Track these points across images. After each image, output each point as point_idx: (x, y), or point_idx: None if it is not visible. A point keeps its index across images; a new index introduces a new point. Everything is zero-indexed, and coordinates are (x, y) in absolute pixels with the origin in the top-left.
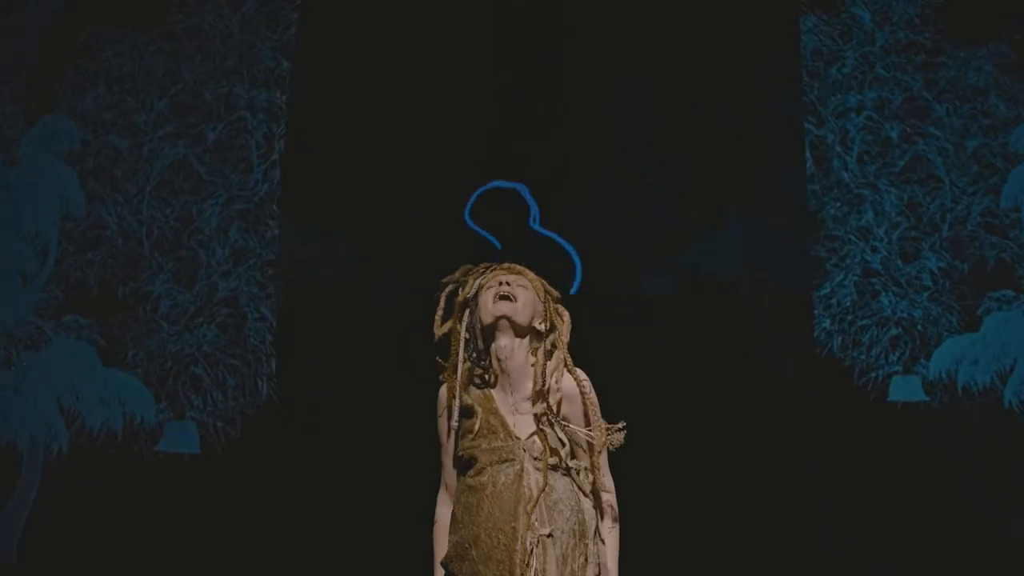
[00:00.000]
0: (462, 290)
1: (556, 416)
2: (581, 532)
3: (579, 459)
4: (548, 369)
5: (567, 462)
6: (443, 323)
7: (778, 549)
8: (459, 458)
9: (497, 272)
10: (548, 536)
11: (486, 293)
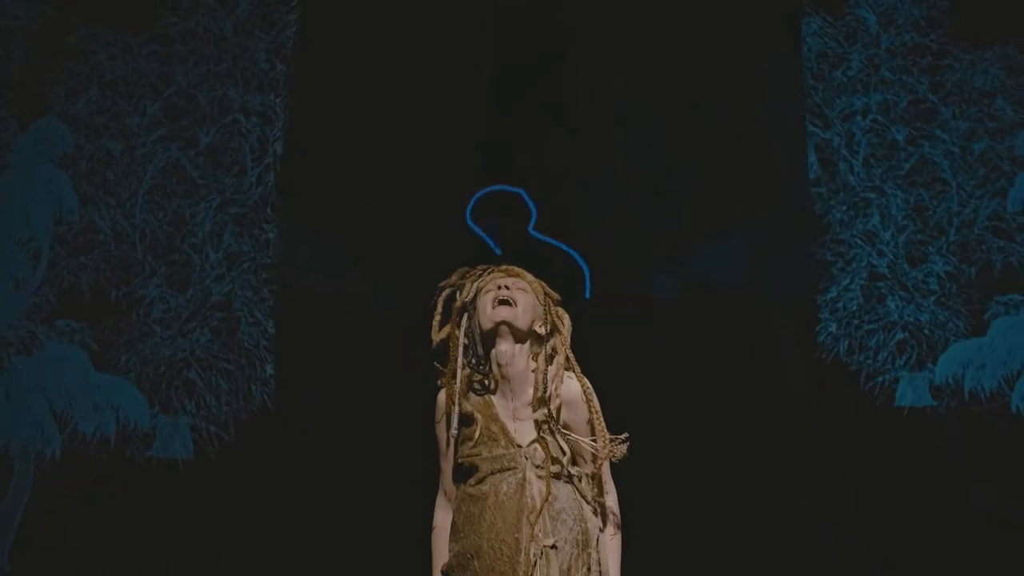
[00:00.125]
0: (459, 294)
1: (557, 423)
2: (584, 542)
3: (581, 466)
4: (549, 375)
5: (569, 469)
6: (441, 328)
7: (786, 556)
8: (458, 465)
9: (495, 275)
10: (552, 547)
11: (484, 297)
